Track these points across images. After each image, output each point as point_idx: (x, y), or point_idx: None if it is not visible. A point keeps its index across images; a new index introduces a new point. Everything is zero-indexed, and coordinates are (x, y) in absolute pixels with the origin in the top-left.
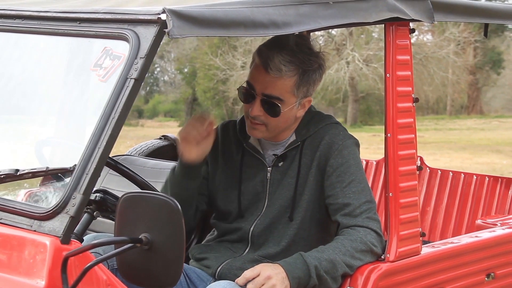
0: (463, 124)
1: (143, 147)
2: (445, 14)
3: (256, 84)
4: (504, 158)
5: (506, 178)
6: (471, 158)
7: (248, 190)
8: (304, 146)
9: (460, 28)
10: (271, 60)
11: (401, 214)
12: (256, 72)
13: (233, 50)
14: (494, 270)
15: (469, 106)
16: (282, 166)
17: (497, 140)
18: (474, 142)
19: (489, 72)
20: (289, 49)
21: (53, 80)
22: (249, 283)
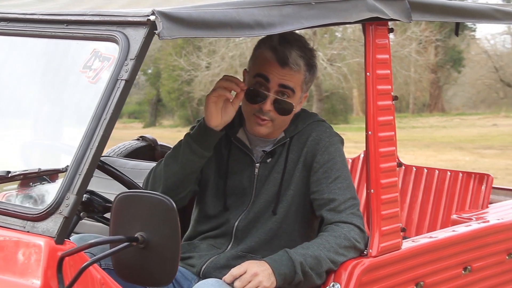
0: (426, 122)
1: (121, 148)
2: (422, 14)
3: (271, 75)
4: (466, 154)
5: (479, 173)
6: (435, 155)
7: (234, 185)
8: (291, 143)
9: (422, 27)
10: (289, 54)
11: (383, 210)
12: (269, 66)
13: (197, 50)
14: (470, 264)
15: (431, 104)
16: (270, 162)
17: (459, 138)
18: (437, 140)
19: (450, 71)
20: (299, 44)
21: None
22: (236, 280)
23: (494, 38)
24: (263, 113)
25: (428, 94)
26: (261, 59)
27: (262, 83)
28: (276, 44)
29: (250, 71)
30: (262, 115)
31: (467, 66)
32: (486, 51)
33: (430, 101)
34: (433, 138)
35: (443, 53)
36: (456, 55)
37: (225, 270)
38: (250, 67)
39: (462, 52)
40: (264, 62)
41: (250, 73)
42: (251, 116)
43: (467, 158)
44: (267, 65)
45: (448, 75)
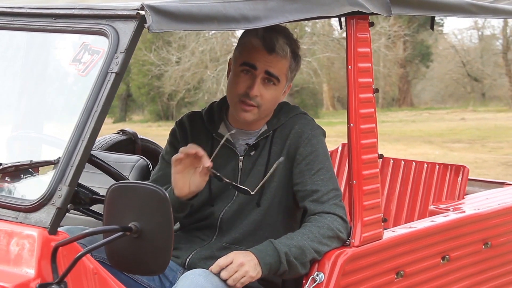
0: (395, 117)
1: (102, 141)
2: (402, 8)
3: (258, 63)
4: (436, 148)
5: (456, 165)
6: (405, 149)
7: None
8: (274, 135)
9: (391, 22)
10: (276, 41)
11: (365, 200)
12: (256, 53)
13: (167, 45)
14: (449, 253)
15: (400, 99)
16: (254, 155)
17: (429, 132)
18: (406, 134)
19: (418, 65)
20: (285, 32)
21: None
22: (223, 270)
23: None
24: (249, 98)
25: (397, 88)
26: (248, 46)
27: (249, 70)
28: (263, 32)
29: (236, 60)
30: (249, 100)
31: (435, 61)
32: (454, 46)
33: (399, 95)
34: (403, 132)
35: (411, 48)
36: (425, 50)
37: (210, 261)
38: (236, 56)
39: (430, 47)
40: (251, 50)
41: (236, 62)
42: (236, 102)
43: (436, 152)
44: (254, 53)
45: (416, 70)
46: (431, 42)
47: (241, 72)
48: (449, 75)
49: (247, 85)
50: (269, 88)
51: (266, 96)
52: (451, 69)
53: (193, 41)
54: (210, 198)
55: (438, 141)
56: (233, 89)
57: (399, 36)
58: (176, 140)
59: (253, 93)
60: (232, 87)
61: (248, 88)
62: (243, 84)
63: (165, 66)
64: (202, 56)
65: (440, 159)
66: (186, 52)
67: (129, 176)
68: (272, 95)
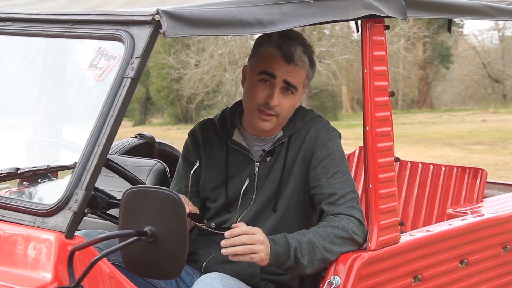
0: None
1: (119, 145)
2: (417, 11)
3: (277, 72)
4: (456, 151)
5: (474, 168)
6: (425, 151)
7: (235, 185)
8: (290, 141)
9: (410, 24)
10: (294, 51)
11: (381, 204)
12: (274, 62)
13: (186, 48)
14: (467, 257)
15: (420, 101)
16: (270, 160)
17: (449, 134)
18: (426, 136)
19: (438, 67)
20: (300, 40)
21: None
22: (245, 236)
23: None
24: (269, 107)
25: (417, 90)
26: (266, 56)
27: (267, 80)
28: (280, 41)
29: (253, 68)
30: (268, 110)
31: (455, 62)
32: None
33: (419, 97)
34: (423, 134)
35: (431, 50)
36: (444, 51)
37: (227, 265)
38: (253, 64)
39: (450, 49)
40: (269, 59)
41: (253, 70)
42: (255, 111)
43: (457, 154)
44: (272, 62)
45: (436, 71)
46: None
47: (260, 81)
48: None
49: (266, 95)
50: (287, 97)
51: (284, 105)
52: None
53: (212, 44)
54: (227, 204)
55: (459, 143)
56: (252, 98)
57: (418, 38)
58: (188, 152)
59: (273, 103)
60: (251, 96)
61: (267, 97)
62: (262, 94)
63: (184, 69)
64: (221, 59)
65: (460, 161)
66: (205, 55)
67: (146, 180)
68: (290, 103)
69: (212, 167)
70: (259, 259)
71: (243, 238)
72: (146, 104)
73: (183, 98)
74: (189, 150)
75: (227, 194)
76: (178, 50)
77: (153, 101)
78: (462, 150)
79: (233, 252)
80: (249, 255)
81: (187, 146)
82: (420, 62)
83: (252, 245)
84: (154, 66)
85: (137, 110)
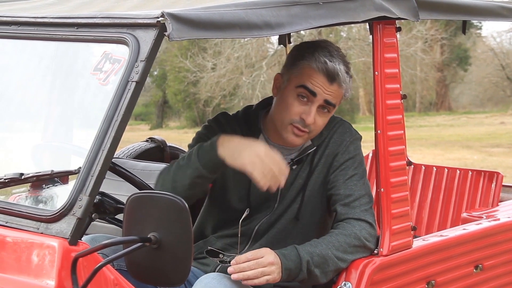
0: (433, 121)
1: (131, 149)
2: (429, 12)
3: (319, 90)
4: (474, 153)
5: (489, 171)
6: (443, 154)
7: (258, 192)
8: (317, 149)
9: (427, 26)
10: (339, 71)
11: (393, 208)
12: (317, 80)
13: (203, 52)
14: (482, 262)
15: (437, 103)
16: (296, 169)
17: (467, 136)
18: (444, 138)
19: (456, 69)
20: (342, 58)
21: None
22: (251, 261)
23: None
24: (304, 125)
25: (434, 92)
26: (308, 71)
27: (306, 95)
28: (325, 58)
29: (291, 80)
30: (303, 127)
31: (474, 64)
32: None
33: (436, 99)
34: (441, 137)
35: (449, 52)
36: (462, 53)
37: None
38: (291, 77)
39: (468, 50)
40: (311, 75)
41: (291, 82)
42: (288, 125)
43: (475, 157)
44: (315, 79)
45: (454, 74)
46: (469, 45)
47: (298, 95)
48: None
49: (303, 111)
50: (323, 115)
51: (319, 123)
52: (490, 73)
53: (228, 47)
54: (249, 211)
55: (477, 145)
56: (287, 112)
57: (436, 40)
58: (212, 134)
59: (309, 121)
60: (285, 109)
61: (304, 114)
62: (298, 109)
63: (201, 73)
64: (237, 62)
65: (478, 164)
66: (221, 59)
67: None
68: (325, 121)
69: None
70: (273, 280)
71: (251, 264)
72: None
73: (200, 102)
74: (215, 134)
75: (249, 199)
76: (194, 54)
77: (170, 104)
78: (480, 152)
79: (245, 277)
80: (263, 278)
81: (211, 129)
82: (437, 64)
83: (263, 268)
84: (171, 69)
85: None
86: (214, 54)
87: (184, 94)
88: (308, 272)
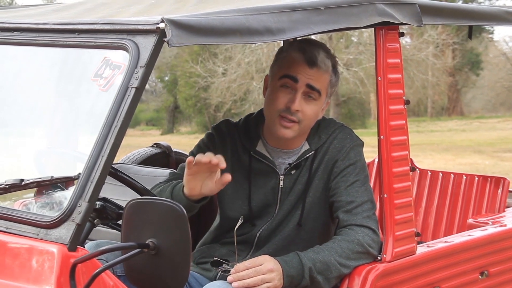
0: (445, 126)
1: (136, 155)
2: (433, 17)
3: (300, 75)
4: (486, 158)
5: (495, 177)
6: (454, 159)
7: (258, 197)
8: (316, 153)
9: (439, 31)
10: (318, 54)
11: (396, 214)
12: (297, 66)
13: (213, 57)
14: (487, 268)
15: (449, 108)
16: (294, 173)
17: (479, 141)
18: (456, 143)
19: (468, 74)
20: (324, 47)
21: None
22: (250, 269)
23: None
24: (290, 113)
25: (446, 97)
26: (288, 60)
27: (290, 84)
28: (303, 45)
29: (274, 74)
30: (290, 115)
31: (486, 69)
32: (505, 53)
33: (448, 104)
34: (452, 142)
35: (460, 56)
36: (474, 58)
37: None
38: (275, 71)
39: (480, 55)
40: (291, 63)
41: (274, 76)
42: (276, 117)
43: (486, 162)
44: (295, 65)
45: (466, 78)
46: (481, 49)
47: (281, 87)
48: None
49: (288, 100)
50: (310, 103)
51: (307, 112)
52: (502, 77)
53: (239, 52)
54: (251, 216)
55: (489, 150)
56: (273, 105)
57: (447, 45)
58: (212, 144)
59: (294, 107)
60: (271, 102)
61: (289, 102)
62: (283, 99)
63: (212, 78)
64: (248, 67)
65: (490, 169)
66: (232, 64)
67: None
68: (313, 110)
69: (235, 172)
70: (273, 287)
71: (249, 272)
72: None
73: (211, 107)
74: (213, 143)
75: (251, 206)
76: (205, 59)
77: (181, 109)
78: (492, 157)
79: (245, 286)
80: (264, 285)
81: (211, 138)
82: (449, 69)
83: (263, 276)
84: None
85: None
86: (225, 59)
87: (195, 99)
88: (311, 279)
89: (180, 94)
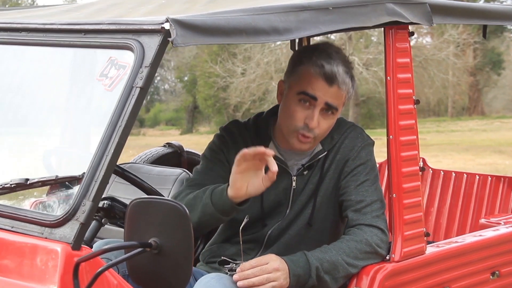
0: (465, 126)
1: (148, 154)
2: (443, 17)
3: (319, 94)
4: (507, 158)
5: (509, 177)
6: (474, 159)
7: (270, 198)
8: (328, 153)
9: (459, 30)
10: (337, 73)
11: (405, 214)
12: (316, 83)
13: (232, 57)
14: (498, 269)
15: (470, 108)
16: (307, 174)
17: (500, 141)
18: (476, 143)
19: (489, 73)
20: (342, 58)
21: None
22: (256, 268)
23: None
24: (308, 130)
25: (467, 97)
26: (306, 76)
27: (307, 100)
28: (322, 61)
29: (291, 87)
30: (307, 133)
31: (507, 69)
32: None
33: (469, 104)
34: (473, 141)
35: (482, 56)
36: (496, 58)
37: None
38: (292, 83)
39: (502, 54)
40: (310, 79)
41: (292, 89)
42: (293, 132)
43: (506, 162)
44: (314, 83)
45: (487, 78)
46: (503, 49)
47: (299, 101)
48: None
49: (306, 116)
50: (327, 118)
51: (323, 126)
52: None
53: (258, 52)
54: (262, 216)
55: (509, 150)
56: (291, 119)
57: (468, 44)
58: (225, 146)
59: (312, 125)
60: (288, 117)
61: (307, 119)
62: (301, 114)
63: (231, 78)
64: (267, 67)
65: (510, 169)
66: (251, 64)
67: (171, 189)
68: (330, 124)
69: None
70: (279, 286)
71: (255, 271)
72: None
73: (230, 107)
74: (227, 146)
75: (262, 205)
76: (224, 59)
77: (200, 109)
78: None
79: (250, 284)
80: (269, 284)
81: (223, 139)
82: (470, 68)
83: (268, 275)
84: (201, 75)
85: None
86: (244, 59)
87: (214, 99)
88: (318, 278)
89: (199, 94)
